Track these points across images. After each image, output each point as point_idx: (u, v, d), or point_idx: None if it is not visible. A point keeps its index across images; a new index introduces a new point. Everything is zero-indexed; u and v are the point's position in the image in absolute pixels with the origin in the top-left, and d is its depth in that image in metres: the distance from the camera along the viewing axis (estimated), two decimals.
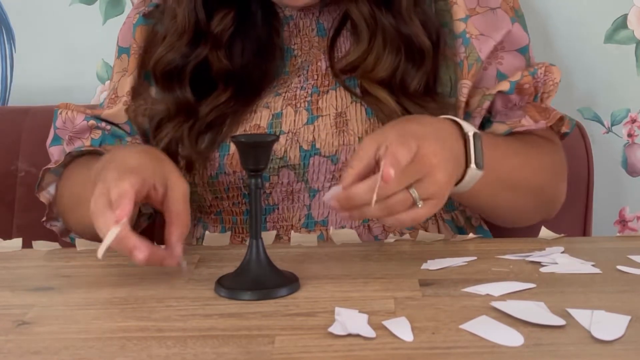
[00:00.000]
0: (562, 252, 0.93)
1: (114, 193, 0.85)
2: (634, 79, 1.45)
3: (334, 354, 0.69)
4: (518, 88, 1.09)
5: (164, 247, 0.86)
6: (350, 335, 0.72)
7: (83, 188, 0.97)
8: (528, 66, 1.12)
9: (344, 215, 0.86)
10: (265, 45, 1.11)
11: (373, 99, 1.05)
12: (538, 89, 1.11)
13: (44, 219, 1.14)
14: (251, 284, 0.82)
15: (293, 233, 1.01)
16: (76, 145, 1.14)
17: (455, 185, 0.92)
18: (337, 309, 0.77)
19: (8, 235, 1.23)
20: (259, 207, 0.84)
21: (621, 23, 1.43)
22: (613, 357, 0.68)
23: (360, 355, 0.69)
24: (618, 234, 1.05)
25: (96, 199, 0.86)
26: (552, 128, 1.12)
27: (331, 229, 1.02)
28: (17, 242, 1.00)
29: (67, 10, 1.47)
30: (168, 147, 1.07)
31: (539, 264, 0.89)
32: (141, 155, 0.93)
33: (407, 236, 1.01)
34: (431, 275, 0.86)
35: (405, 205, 0.85)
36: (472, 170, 0.92)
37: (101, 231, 0.84)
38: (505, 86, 1.08)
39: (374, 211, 0.84)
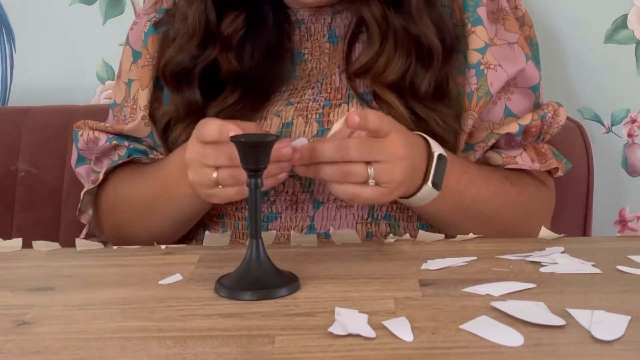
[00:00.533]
0: (562, 252, 0.93)
1: (210, 130, 0.92)
2: (634, 79, 1.45)
3: (334, 354, 0.69)
4: (525, 131, 1.10)
5: None
6: (350, 335, 0.72)
7: (154, 185, 1.06)
8: (537, 107, 1.13)
9: (300, 169, 0.91)
10: (275, 48, 1.11)
11: (384, 104, 1.05)
12: (543, 131, 1.12)
13: (83, 237, 1.17)
14: (251, 284, 0.82)
15: (293, 233, 1.01)
16: (105, 164, 1.15)
17: (408, 198, 0.97)
18: (337, 309, 0.77)
19: (8, 235, 1.23)
20: (258, 207, 0.84)
21: (621, 23, 1.43)
22: (613, 357, 0.68)
23: (360, 355, 0.69)
24: (618, 234, 1.05)
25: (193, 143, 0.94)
26: (549, 171, 1.14)
27: (331, 229, 1.02)
28: (17, 242, 1.00)
29: (67, 10, 1.47)
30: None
31: (539, 264, 0.89)
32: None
33: (407, 236, 1.01)
34: (431, 275, 0.86)
35: (358, 178, 0.90)
36: (428, 187, 0.96)
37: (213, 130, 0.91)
38: (514, 128, 1.09)
39: (328, 171, 0.90)
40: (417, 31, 1.05)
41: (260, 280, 0.83)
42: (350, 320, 0.74)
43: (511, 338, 0.70)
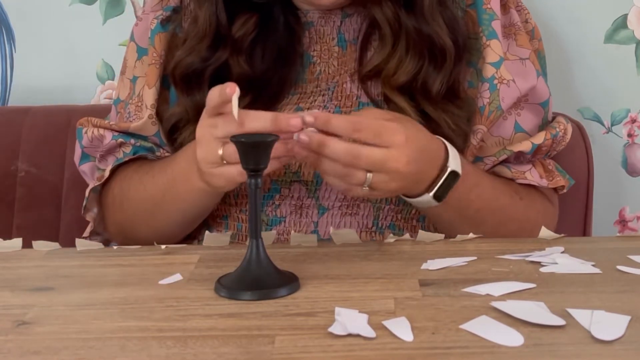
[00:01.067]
0: (562, 252, 0.93)
1: (213, 93, 0.90)
2: (634, 79, 1.45)
3: (334, 354, 0.69)
4: (537, 149, 1.10)
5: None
6: (350, 335, 0.72)
7: (162, 180, 1.06)
8: (545, 122, 1.13)
9: (302, 153, 0.90)
10: (286, 51, 1.10)
11: (394, 107, 1.05)
12: (552, 149, 1.13)
13: (87, 235, 1.16)
14: (251, 284, 0.82)
15: (293, 233, 1.01)
16: (109, 161, 1.14)
17: (406, 197, 0.98)
18: (337, 309, 0.77)
19: (8, 235, 1.23)
20: (258, 207, 0.83)
21: (621, 23, 1.43)
22: (613, 357, 0.68)
23: (360, 355, 0.69)
24: (618, 234, 1.05)
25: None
26: (555, 189, 1.14)
27: (331, 229, 1.02)
28: (17, 242, 1.00)
29: (67, 10, 1.47)
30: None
31: (539, 264, 0.89)
32: None
33: (407, 236, 1.01)
34: (431, 275, 0.86)
35: (356, 182, 0.91)
36: (428, 197, 0.97)
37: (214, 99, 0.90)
38: (527, 147, 1.09)
39: (329, 166, 0.90)
40: (430, 31, 1.05)
41: (260, 280, 0.83)
42: (350, 320, 0.74)
43: (511, 338, 0.70)
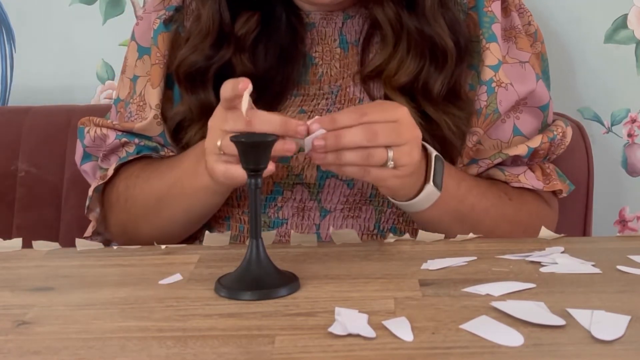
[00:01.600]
0: (562, 252, 0.93)
1: (226, 86, 0.90)
2: (634, 79, 1.45)
3: (334, 354, 0.69)
4: (534, 152, 1.10)
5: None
6: (350, 335, 0.72)
7: (169, 175, 1.06)
8: (545, 126, 1.13)
9: (319, 157, 0.89)
10: (288, 49, 1.10)
11: None
12: (550, 152, 1.12)
13: (89, 234, 1.16)
14: (251, 284, 0.82)
15: (293, 233, 1.01)
16: (112, 161, 1.14)
17: (409, 201, 0.97)
18: (337, 309, 0.77)
19: (8, 235, 1.23)
20: (258, 207, 0.83)
21: (621, 23, 1.43)
22: (613, 357, 0.68)
23: (360, 355, 0.69)
24: (618, 234, 1.05)
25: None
26: (554, 192, 1.14)
27: (331, 229, 1.02)
28: (17, 242, 1.00)
29: (67, 10, 1.47)
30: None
31: (539, 264, 0.89)
32: None
33: (407, 236, 1.01)
34: (431, 275, 0.86)
35: (378, 161, 0.90)
36: (430, 187, 0.96)
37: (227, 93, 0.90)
38: (523, 150, 1.09)
39: (351, 156, 0.89)
40: (431, 32, 1.05)
41: (260, 280, 0.83)
42: (350, 320, 0.74)
43: (511, 338, 0.70)
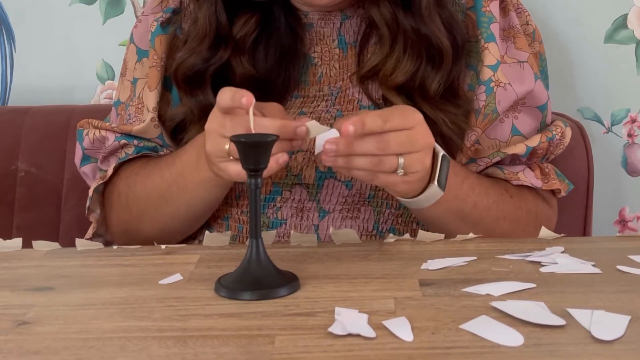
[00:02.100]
0: (562, 252, 0.93)
1: (225, 95, 0.90)
2: (634, 79, 1.45)
3: (334, 354, 0.69)
4: (532, 152, 1.10)
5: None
6: (350, 335, 0.72)
7: (169, 174, 1.05)
8: (544, 126, 1.13)
9: (329, 160, 0.89)
10: (288, 50, 1.10)
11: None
12: (549, 152, 1.12)
13: (90, 236, 1.16)
14: (251, 284, 0.82)
15: (293, 233, 1.01)
16: (112, 162, 1.14)
17: (413, 198, 0.97)
18: (337, 309, 0.77)
19: (8, 235, 1.24)
20: (258, 207, 0.83)
21: (621, 23, 1.43)
22: (613, 357, 0.68)
23: (360, 355, 0.69)
24: (618, 234, 1.05)
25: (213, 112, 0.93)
26: (553, 192, 1.14)
27: (331, 229, 1.02)
28: (17, 242, 1.00)
29: (67, 10, 1.47)
30: None
31: (539, 264, 0.89)
32: None
33: (407, 236, 1.01)
34: (431, 275, 0.86)
35: (389, 168, 0.90)
36: (434, 186, 0.96)
37: (223, 101, 0.90)
38: (521, 149, 1.09)
39: (361, 161, 0.89)
40: (427, 32, 1.05)
41: (260, 280, 0.83)
42: (350, 320, 0.74)
43: (511, 338, 0.70)
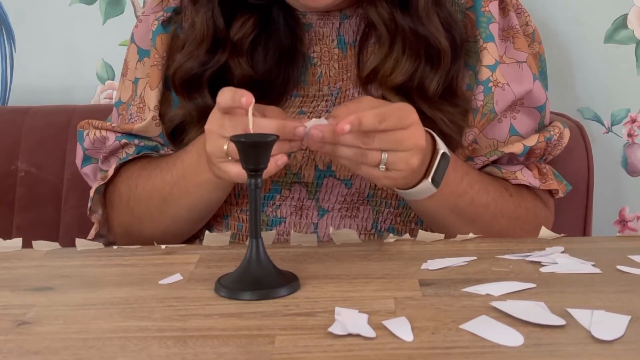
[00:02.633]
0: (562, 252, 0.93)
1: (225, 95, 0.90)
2: (634, 79, 1.45)
3: (334, 354, 0.69)
4: (529, 151, 1.10)
5: None
6: (350, 335, 0.72)
7: (168, 174, 1.06)
8: (542, 127, 1.13)
9: (315, 145, 0.90)
10: (288, 50, 1.10)
11: None
12: (546, 152, 1.12)
13: (92, 237, 1.16)
14: (251, 284, 0.82)
15: (293, 233, 1.01)
16: (112, 162, 1.14)
17: (406, 190, 0.97)
18: (337, 309, 0.77)
19: (8, 235, 1.24)
20: (258, 207, 0.83)
21: (621, 23, 1.43)
22: (613, 357, 0.68)
23: (360, 355, 0.69)
24: (618, 234, 1.05)
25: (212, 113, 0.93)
26: (551, 192, 1.14)
27: (331, 229, 1.02)
28: (17, 242, 1.00)
29: (67, 10, 1.47)
30: None
31: (539, 264, 0.89)
32: None
33: (407, 236, 1.01)
34: (431, 275, 0.86)
35: (372, 162, 0.90)
36: (427, 182, 0.96)
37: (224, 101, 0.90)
38: (518, 149, 1.09)
39: (345, 151, 0.90)
40: (425, 32, 1.05)
41: (260, 280, 0.83)
42: (350, 320, 0.74)
43: (511, 338, 0.70)
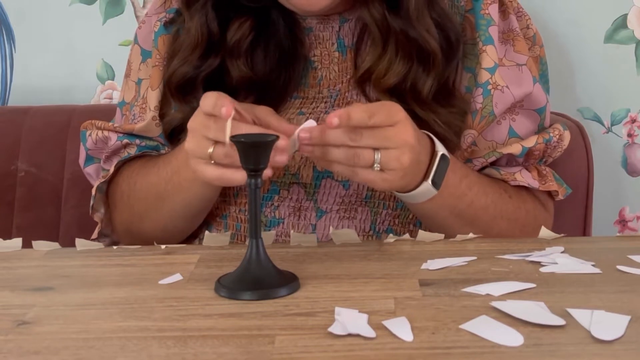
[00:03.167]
0: (562, 252, 0.93)
1: (208, 101, 0.90)
2: (634, 79, 1.45)
3: (334, 354, 0.69)
4: (528, 153, 1.10)
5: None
6: (350, 335, 0.72)
7: (163, 173, 1.06)
8: (542, 129, 1.12)
9: (306, 149, 0.90)
10: (288, 51, 1.10)
11: None
12: (546, 154, 1.12)
13: (95, 237, 1.16)
14: (251, 284, 0.82)
15: (293, 233, 1.01)
16: (114, 162, 1.14)
17: (406, 193, 0.97)
18: (337, 309, 0.77)
19: (8, 235, 1.24)
20: (258, 207, 0.84)
21: (621, 23, 1.43)
22: (613, 357, 0.68)
23: (360, 355, 0.69)
24: (618, 234, 1.05)
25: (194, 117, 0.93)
26: (550, 194, 1.13)
27: (331, 229, 1.02)
28: (17, 242, 1.00)
29: (67, 10, 1.47)
30: None
31: (539, 264, 0.89)
32: None
33: (407, 236, 1.01)
34: (431, 275, 0.86)
35: (365, 162, 0.90)
36: (427, 184, 0.96)
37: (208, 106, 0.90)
38: (517, 149, 1.09)
39: (336, 153, 0.90)
40: (415, 35, 1.04)
41: (260, 280, 0.83)
42: (350, 320, 0.74)
43: (511, 338, 0.70)
